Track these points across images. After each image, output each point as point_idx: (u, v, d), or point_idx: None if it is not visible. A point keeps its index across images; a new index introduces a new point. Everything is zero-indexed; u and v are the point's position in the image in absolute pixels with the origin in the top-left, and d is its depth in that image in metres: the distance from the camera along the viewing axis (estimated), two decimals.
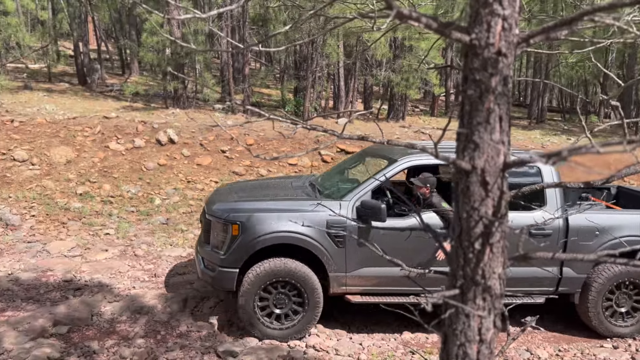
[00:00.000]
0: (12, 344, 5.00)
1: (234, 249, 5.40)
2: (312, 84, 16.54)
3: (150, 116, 13.55)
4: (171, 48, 14.81)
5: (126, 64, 23.59)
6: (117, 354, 5.00)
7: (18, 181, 9.75)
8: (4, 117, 11.64)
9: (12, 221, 8.47)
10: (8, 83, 14.28)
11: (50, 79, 18.81)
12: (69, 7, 19.23)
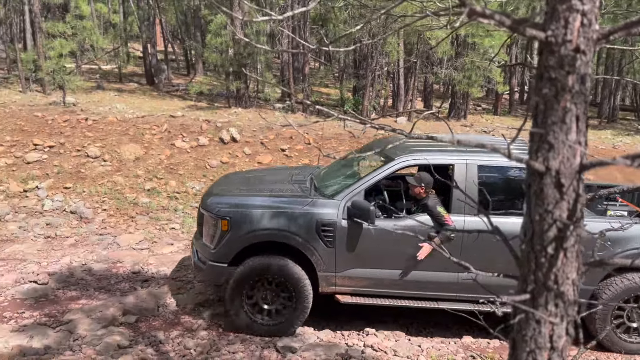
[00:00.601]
0: (86, 330, 5.30)
1: (224, 244, 5.37)
2: (372, 83, 16.46)
3: (214, 115, 13.93)
4: (234, 49, 15.15)
5: (191, 64, 24.37)
6: (182, 345, 5.19)
7: (91, 176, 10.29)
8: (79, 116, 12.32)
9: (86, 214, 8.96)
10: (83, 83, 15.08)
11: (120, 79, 19.72)
12: (138, 10, 20.09)
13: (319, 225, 5.27)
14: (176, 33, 28.06)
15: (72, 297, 6.09)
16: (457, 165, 5.40)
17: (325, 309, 5.80)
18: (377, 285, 5.46)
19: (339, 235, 5.31)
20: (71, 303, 5.93)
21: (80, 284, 6.45)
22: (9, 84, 16.10)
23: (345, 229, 5.29)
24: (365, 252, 5.37)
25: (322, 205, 5.38)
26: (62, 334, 5.19)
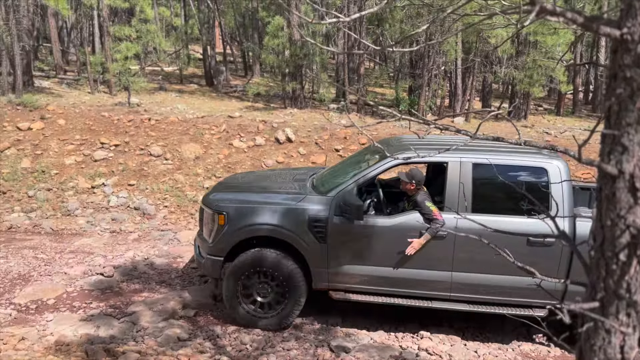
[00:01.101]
0: (148, 322, 5.52)
1: (220, 239, 5.47)
2: (428, 82, 16.23)
3: (270, 116, 14.16)
4: (290, 50, 15.33)
5: (248, 66, 24.85)
6: (238, 340, 5.31)
7: (154, 174, 10.70)
8: (142, 116, 12.83)
9: (149, 211, 9.33)
10: (146, 85, 15.70)
11: (181, 80, 20.38)
12: (199, 13, 20.69)
13: (311, 221, 5.30)
14: (234, 35, 28.68)
15: (135, 290, 6.35)
16: (451, 163, 5.33)
17: (379, 310, 5.78)
18: (369, 282, 5.42)
19: (330, 231, 5.30)
20: (134, 295, 6.19)
21: (143, 277, 6.72)
22: (79, 86, 16.98)
23: (337, 225, 5.29)
24: (356, 248, 5.37)
25: (315, 201, 5.41)
26: (126, 324, 5.43)
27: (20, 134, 11.60)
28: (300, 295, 5.46)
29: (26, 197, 9.76)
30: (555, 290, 5.16)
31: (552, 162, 5.26)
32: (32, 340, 4.96)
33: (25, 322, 5.43)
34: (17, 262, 6.97)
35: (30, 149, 11.14)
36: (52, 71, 19.44)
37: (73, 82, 17.58)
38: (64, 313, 5.70)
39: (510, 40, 15.36)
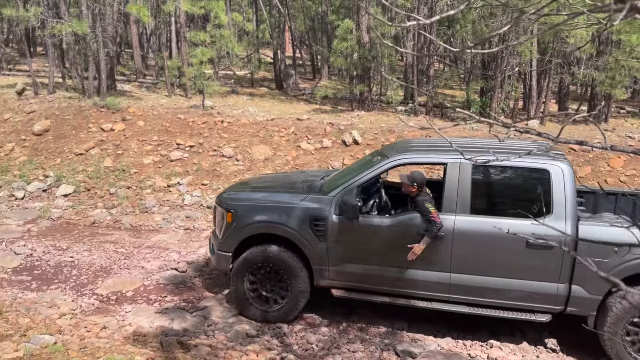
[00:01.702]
0: (218, 317, 5.72)
1: (229, 235, 5.74)
2: (501, 84, 15.72)
3: (337, 118, 14.24)
4: (359, 52, 15.35)
5: (317, 69, 25.11)
6: (304, 339, 5.38)
7: (225, 174, 11.06)
8: (215, 119, 13.29)
9: None
10: (219, 88, 16.23)
11: (252, 84, 20.92)
12: (270, 18, 21.18)
13: (312, 220, 5.45)
14: (304, 39, 29.08)
15: (207, 286, 6.60)
16: (450, 165, 5.33)
17: (447, 317, 5.67)
18: (368, 281, 5.48)
19: (330, 230, 5.42)
20: (206, 291, 6.43)
21: (214, 273, 6.96)
22: (157, 89, 17.84)
23: (336, 224, 5.41)
24: (354, 247, 5.46)
25: (316, 200, 5.56)
26: (198, 319, 5.65)
27: (103, 134, 12.35)
28: (302, 291, 5.60)
29: (108, 194, 10.37)
30: (557, 295, 5.05)
31: (555, 164, 5.14)
32: (113, 330, 5.27)
33: (107, 312, 5.79)
34: (99, 255, 7.43)
35: (112, 148, 11.82)
36: (133, 75, 20.54)
37: (152, 85, 18.48)
38: (141, 305, 6.01)
39: (591, 40, 14.57)
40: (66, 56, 16.87)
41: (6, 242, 7.81)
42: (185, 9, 15.62)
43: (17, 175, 10.97)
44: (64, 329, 5.05)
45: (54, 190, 10.42)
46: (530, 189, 5.64)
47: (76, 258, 7.31)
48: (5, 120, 13.04)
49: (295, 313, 5.72)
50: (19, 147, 12.01)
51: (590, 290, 4.97)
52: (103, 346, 4.65)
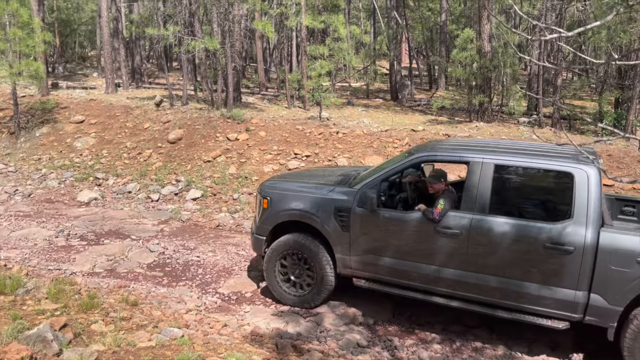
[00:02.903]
0: (330, 324, 5.83)
1: (264, 220, 6.21)
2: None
3: (454, 129, 13.89)
4: (479, 62, 14.87)
5: (433, 79, 24.72)
6: (416, 354, 5.31)
7: None
8: (331, 129, 13.60)
9: None
10: (336, 100, 16.61)
11: (367, 95, 21.12)
12: (388, 30, 21.27)
13: (336, 210, 5.73)
14: (420, 49, 28.79)
15: None
16: (473, 163, 5.35)
17: (573, 338, 5.27)
18: (385, 273, 5.64)
19: (353, 221, 5.65)
20: None
21: None
22: (278, 101, 18.69)
23: (358, 215, 5.63)
24: (373, 239, 5.64)
25: (342, 192, 5.84)
26: (311, 324, 5.81)
27: (229, 143, 13.18)
28: (325, 277, 5.91)
29: (231, 199, 11.04)
30: (575, 303, 4.86)
31: (580, 168, 4.96)
32: (233, 328, 5.59)
33: (227, 311, 6.15)
34: (222, 257, 7.93)
35: (236, 157, 12.57)
36: (256, 88, 21.72)
37: (273, 97, 19.40)
38: (259, 306, 6.32)
39: None
40: (198, 70, 18.28)
41: (143, 240, 8.62)
42: (307, 23, 16.21)
43: (153, 179, 12.07)
44: (190, 324, 5.45)
45: (184, 194, 11.31)
46: (553, 192, 5.63)
47: (202, 258, 7.87)
48: (145, 129, 14.43)
49: (319, 300, 6.02)
50: (156, 154, 13.22)
51: (611, 300, 4.72)
52: (224, 343, 4.95)
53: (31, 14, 15.32)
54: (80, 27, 34.45)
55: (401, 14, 21.85)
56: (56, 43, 25.87)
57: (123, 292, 6.28)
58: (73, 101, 16.55)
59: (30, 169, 13.19)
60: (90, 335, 4.66)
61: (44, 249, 8.04)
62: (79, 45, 38.23)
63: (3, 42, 14.23)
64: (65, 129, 14.93)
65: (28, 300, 5.35)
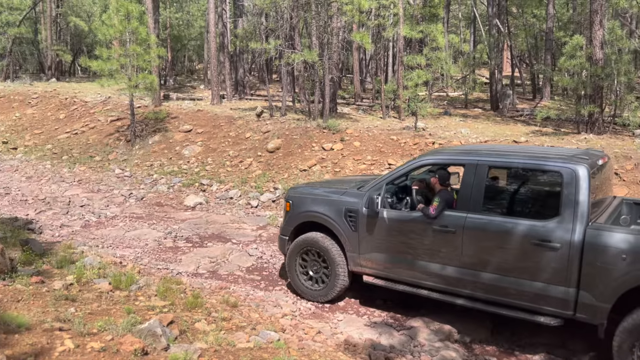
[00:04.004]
0: (424, 339, 5.73)
1: (287, 221, 6.90)
2: None
3: (560, 141, 13.11)
4: (590, 70, 13.94)
5: (537, 88, 23.52)
6: None
7: None
8: (427, 140, 13.40)
9: None
10: (432, 110, 16.34)
11: (466, 105, 20.55)
12: (489, 38, 20.60)
13: (346, 212, 6.26)
14: (523, 57, 27.55)
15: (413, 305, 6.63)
16: (468, 166, 5.66)
17: None
18: (390, 270, 6.05)
19: (360, 221, 6.14)
20: (413, 310, 6.49)
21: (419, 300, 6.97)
22: (372, 111, 18.74)
23: (365, 216, 6.11)
24: (378, 238, 6.07)
25: (352, 195, 6.35)
26: (405, 337, 5.74)
27: (324, 153, 13.43)
28: (339, 273, 6.35)
29: None
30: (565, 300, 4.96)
31: (569, 167, 5.08)
32: (326, 335, 5.67)
33: (321, 318, 6.26)
34: None
35: (331, 166, 12.77)
36: (351, 98, 21.92)
37: (368, 108, 19.49)
38: (351, 316, 6.36)
39: None
40: (296, 82, 18.85)
41: (242, 244, 9.01)
42: (404, 33, 16.15)
43: (253, 186, 12.58)
44: (285, 328, 5.61)
45: (281, 201, 11.67)
46: (543, 191, 5.90)
47: None
48: (247, 138, 15.11)
49: (333, 295, 6.46)
50: (256, 162, 13.78)
51: (598, 297, 4.78)
52: (318, 350, 5.05)
53: (148, 31, 16.65)
54: (189, 42, 36.89)
55: (503, 21, 21.07)
56: (168, 57, 27.86)
57: (224, 293, 6.60)
58: (182, 111, 17.73)
59: (143, 174, 14.29)
60: (194, 332, 4.95)
61: (154, 249, 8.66)
62: (188, 59, 40.94)
63: (124, 57, 15.61)
64: (174, 138, 16.02)
65: (140, 296, 5.79)
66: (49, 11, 30.87)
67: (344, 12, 15.35)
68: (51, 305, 4.83)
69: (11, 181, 13.66)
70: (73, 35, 35.28)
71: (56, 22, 32.04)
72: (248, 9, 21.72)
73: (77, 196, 12.17)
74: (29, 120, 19.56)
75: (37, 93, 22.00)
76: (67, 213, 10.64)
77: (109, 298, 5.48)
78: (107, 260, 7.08)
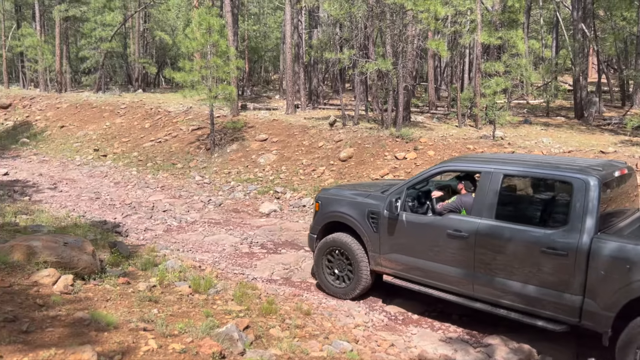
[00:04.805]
0: (503, 358, 5.50)
1: (315, 221, 7.29)
2: None
3: None
4: None
5: (626, 95, 22.09)
6: None
7: None
8: (505, 149, 12.93)
9: None
10: (511, 118, 15.75)
11: (547, 113, 19.64)
12: (574, 43, 19.60)
13: (369, 213, 6.57)
14: (611, 63, 25.97)
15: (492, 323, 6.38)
16: (484, 173, 5.91)
17: None
18: (407, 270, 6.33)
19: (381, 223, 6.45)
20: (490, 327, 6.24)
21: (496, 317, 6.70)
22: (447, 120, 18.36)
23: (386, 218, 6.41)
24: (398, 239, 6.36)
25: (375, 198, 6.64)
26: (482, 355, 5.54)
27: (396, 162, 13.30)
28: (361, 271, 6.66)
29: None
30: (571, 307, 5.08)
31: (580, 177, 5.22)
32: (400, 349, 5.59)
33: (394, 330, 6.17)
34: None
35: (404, 175, 12.61)
36: (425, 107, 21.60)
37: (442, 116, 19.12)
38: (425, 330, 6.22)
39: None
40: (369, 91, 18.83)
41: None
42: (482, 40, 15.73)
43: None
44: (358, 339, 5.59)
45: None
46: (554, 200, 6.09)
47: None
48: (320, 147, 15.27)
49: (356, 293, 6.78)
50: (328, 171, 13.89)
51: (602, 305, 4.87)
52: None
53: (227, 43, 17.31)
54: (266, 53, 37.94)
55: (589, 25, 19.99)
56: (246, 69, 28.80)
57: (297, 300, 6.68)
58: (258, 121, 18.23)
59: (221, 181, 14.81)
60: (268, 338, 5.04)
61: (231, 254, 8.93)
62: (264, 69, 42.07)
63: (204, 69, 16.30)
64: (250, 146, 16.50)
65: (217, 300, 5.99)
66: (137, 26, 32.92)
67: (420, 20, 15.18)
68: (136, 306, 5.10)
69: (101, 186, 14.61)
70: (158, 49, 37.35)
71: (143, 37, 34.08)
72: (323, 19, 22.02)
73: (160, 201, 12.81)
74: (117, 129, 20.86)
75: (125, 103, 23.44)
76: (150, 217, 11.21)
77: (188, 301, 5.71)
78: (187, 263, 7.38)
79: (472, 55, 20.64)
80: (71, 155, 19.36)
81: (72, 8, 30.35)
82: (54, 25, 31.50)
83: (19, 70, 37.17)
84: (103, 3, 28.39)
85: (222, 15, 20.90)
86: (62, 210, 11.27)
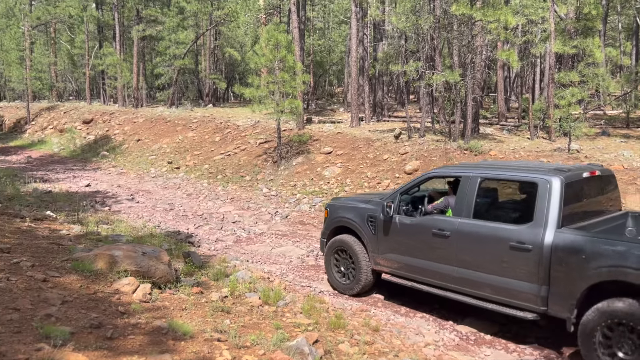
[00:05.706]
0: None
1: (325, 226, 8.09)
2: None
3: None
4: None
5: None
6: None
7: None
8: (582, 162, 12.30)
9: None
10: (588, 130, 14.99)
11: (628, 124, 18.55)
12: None
13: (368, 217, 7.31)
14: None
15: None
16: (463, 178, 6.53)
17: None
18: (403, 268, 6.94)
19: (378, 226, 7.16)
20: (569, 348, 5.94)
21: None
22: (518, 132, 17.74)
23: (382, 221, 7.11)
24: (392, 240, 7.03)
25: (374, 203, 7.34)
26: None
27: None
28: (362, 269, 7.34)
29: None
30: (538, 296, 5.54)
31: (544, 178, 5.75)
32: None
33: (466, 351, 5.98)
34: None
35: None
36: (494, 118, 20.99)
37: (513, 128, 18.49)
38: (499, 351, 5.99)
39: None
40: (435, 103, 18.55)
41: None
42: (556, 49, 15.14)
43: None
44: (429, 358, 5.47)
45: None
46: (523, 199, 6.62)
47: None
48: (384, 160, 15.18)
49: (358, 289, 7.42)
50: (393, 184, 13.76)
51: (565, 293, 5.35)
52: None
53: (294, 59, 17.62)
54: (331, 67, 38.32)
55: None
56: (311, 82, 29.19)
57: (365, 316, 6.64)
58: (323, 134, 18.39)
59: (287, 193, 15.04)
60: (338, 354, 5.04)
61: (298, 266, 9.02)
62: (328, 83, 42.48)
63: (272, 84, 16.68)
64: (316, 159, 16.66)
65: (286, 312, 6.06)
66: (209, 44, 34.23)
67: (489, 31, 14.83)
68: (209, 316, 5.25)
69: (174, 198, 15.21)
70: (227, 65, 38.62)
71: (214, 54, 35.36)
72: (388, 32, 21.99)
73: (230, 213, 13.16)
74: (189, 143, 21.71)
75: (197, 118, 24.37)
76: (221, 228, 11.54)
77: (259, 312, 5.81)
78: (256, 275, 7.53)
79: (543, 65, 19.88)
80: (146, 168, 20.32)
81: (149, 28, 32.05)
82: (132, 44, 33.40)
83: (100, 87, 39.55)
84: (177, 22, 29.80)
85: (289, 31, 21.35)
86: (139, 221, 11.82)
